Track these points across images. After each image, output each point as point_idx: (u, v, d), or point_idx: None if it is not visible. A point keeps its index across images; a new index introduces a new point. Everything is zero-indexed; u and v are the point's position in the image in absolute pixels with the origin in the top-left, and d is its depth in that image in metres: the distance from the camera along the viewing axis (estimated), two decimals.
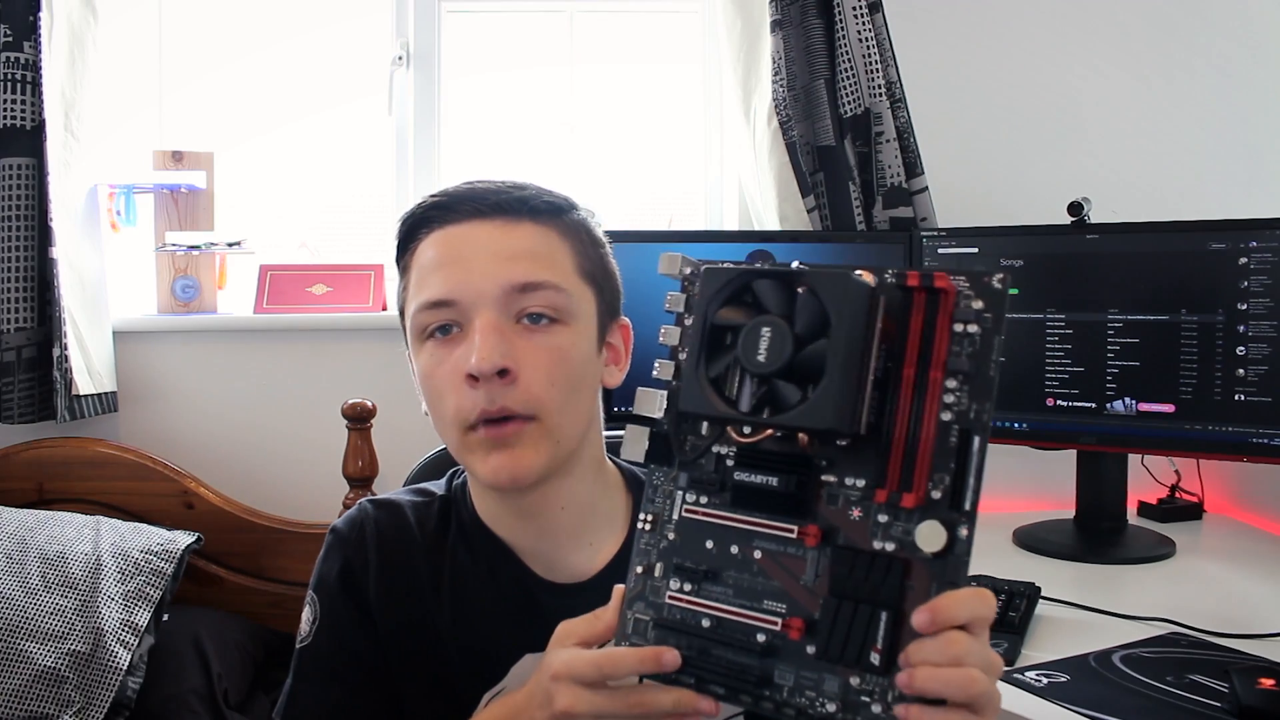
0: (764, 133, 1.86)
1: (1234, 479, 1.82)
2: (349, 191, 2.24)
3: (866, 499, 0.57)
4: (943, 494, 0.55)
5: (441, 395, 0.83)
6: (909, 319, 0.58)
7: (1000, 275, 0.57)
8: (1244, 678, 1.00)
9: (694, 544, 0.62)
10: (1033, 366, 1.61)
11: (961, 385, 0.56)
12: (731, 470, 0.61)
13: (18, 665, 1.47)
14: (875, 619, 0.55)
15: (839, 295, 0.56)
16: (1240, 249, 1.46)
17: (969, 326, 0.57)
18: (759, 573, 0.59)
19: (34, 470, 1.85)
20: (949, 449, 0.56)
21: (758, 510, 0.60)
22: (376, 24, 2.14)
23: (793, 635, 0.57)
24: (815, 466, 0.59)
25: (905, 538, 0.56)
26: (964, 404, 0.56)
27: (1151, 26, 1.98)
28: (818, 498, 0.59)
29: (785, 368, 0.57)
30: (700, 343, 0.60)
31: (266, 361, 1.98)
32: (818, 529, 0.58)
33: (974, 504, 0.55)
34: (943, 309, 0.57)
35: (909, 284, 0.58)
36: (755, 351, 0.57)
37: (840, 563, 0.57)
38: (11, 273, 1.79)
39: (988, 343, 0.57)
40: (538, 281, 0.82)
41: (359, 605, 0.89)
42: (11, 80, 1.78)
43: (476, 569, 0.90)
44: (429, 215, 0.87)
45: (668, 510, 0.63)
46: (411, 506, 0.93)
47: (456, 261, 0.83)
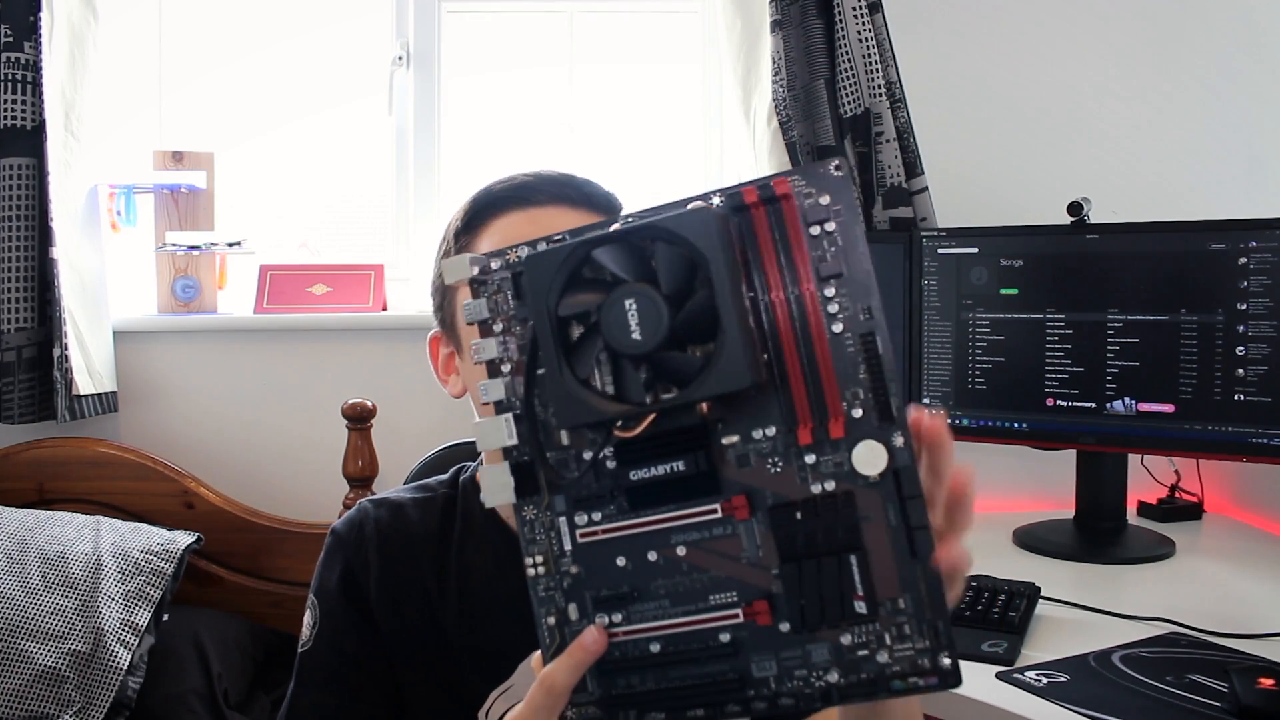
0: (764, 133, 1.86)
1: (1234, 479, 1.82)
2: (349, 191, 2.24)
3: (785, 446, 0.51)
4: (864, 410, 0.50)
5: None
6: (758, 240, 0.51)
7: (836, 162, 0.51)
8: (1244, 677, 1.00)
9: (603, 569, 0.54)
10: (1033, 366, 1.61)
11: (840, 290, 0.50)
12: (615, 473, 0.53)
13: (18, 665, 1.47)
14: (845, 567, 0.49)
15: (701, 232, 0.49)
16: (1240, 249, 1.46)
17: (826, 225, 0.50)
18: (690, 569, 0.52)
19: (34, 470, 1.85)
20: (852, 360, 0.50)
21: (662, 504, 0.53)
22: (376, 24, 2.14)
23: (761, 621, 0.51)
24: (711, 432, 0.52)
25: (840, 470, 0.50)
26: (849, 308, 0.50)
27: (1151, 26, 1.98)
28: (724, 465, 0.52)
29: (668, 337, 0.49)
30: (554, 345, 0.52)
31: (266, 361, 1.98)
32: (744, 498, 0.51)
33: (900, 408, 0.49)
34: (789, 217, 0.51)
35: (746, 201, 0.51)
36: (626, 331, 0.50)
37: (781, 524, 0.51)
38: (12, 273, 1.79)
39: (849, 235, 0.50)
40: None
41: (360, 609, 0.89)
42: (12, 80, 1.78)
43: (484, 564, 0.89)
44: (508, 195, 0.85)
45: (556, 543, 0.55)
46: (413, 504, 0.93)
47: None
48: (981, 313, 1.66)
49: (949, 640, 0.48)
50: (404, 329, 1.97)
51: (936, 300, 1.69)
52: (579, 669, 0.54)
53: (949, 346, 1.68)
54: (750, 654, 0.52)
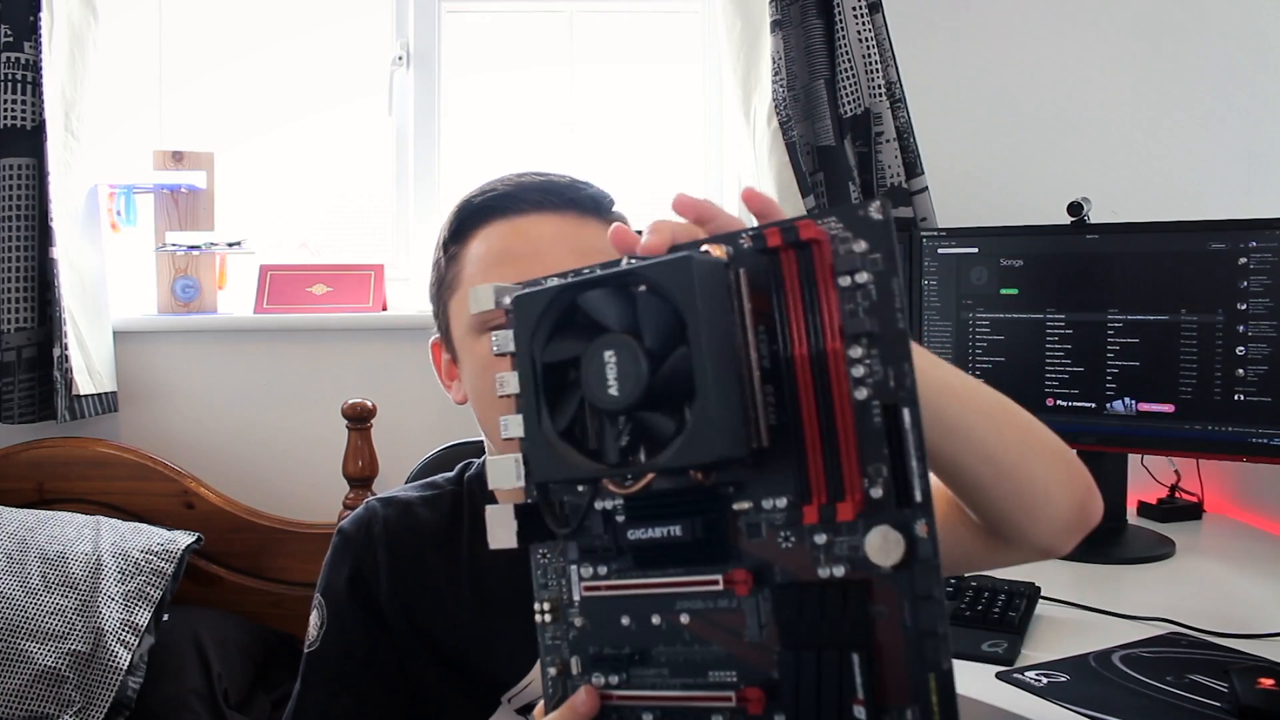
0: (764, 133, 1.86)
1: (1234, 479, 1.82)
2: (349, 191, 2.24)
3: (794, 521, 0.46)
4: (884, 490, 0.44)
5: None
6: (783, 287, 0.46)
7: (878, 204, 0.45)
8: (1244, 678, 1.00)
9: (607, 625, 0.51)
10: (1033, 366, 1.61)
11: (869, 350, 0.45)
12: (624, 528, 0.50)
13: (18, 665, 1.47)
14: (847, 665, 0.44)
15: (685, 285, 0.44)
16: (1240, 249, 1.46)
17: (857, 276, 0.45)
18: (693, 640, 0.49)
19: (34, 470, 1.85)
20: (876, 432, 0.44)
21: (669, 567, 0.49)
22: (376, 24, 2.14)
23: (753, 709, 0.46)
24: (722, 497, 0.48)
25: (855, 555, 0.45)
26: (878, 372, 0.44)
27: (1152, 26, 1.98)
28: (736, 533, 0.48)
29: (645, 395, 0.45)
30: (535, 391, 0.48)
31: (266, 361, 1.98)
32: (746, 572, 0.47)
33: (926, 492, 0.43)
34: (819, 264, 0.46)
35: (770, 245, 0.46)
36: (604, 385, 0.46)
37: (785, 606, 0.46)
38: (12, 273, 1.79)
39: (885, 289, 0.44)
40: None
41: (369, 610, 0.88)
42: (12, 80, 1.78)
43: (495, 559, 0.89)
44: (492, 204, 0.85)
45: (565, 592, 0.53)
46: (421, 501, 0.92)
47: (532, 254, 0.81)
48: (981, 313, 1.66)
49: None
50: (404, 329, 1.97)
51: (936, 300, 1.69)
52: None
53: (949, 346, 1.68)
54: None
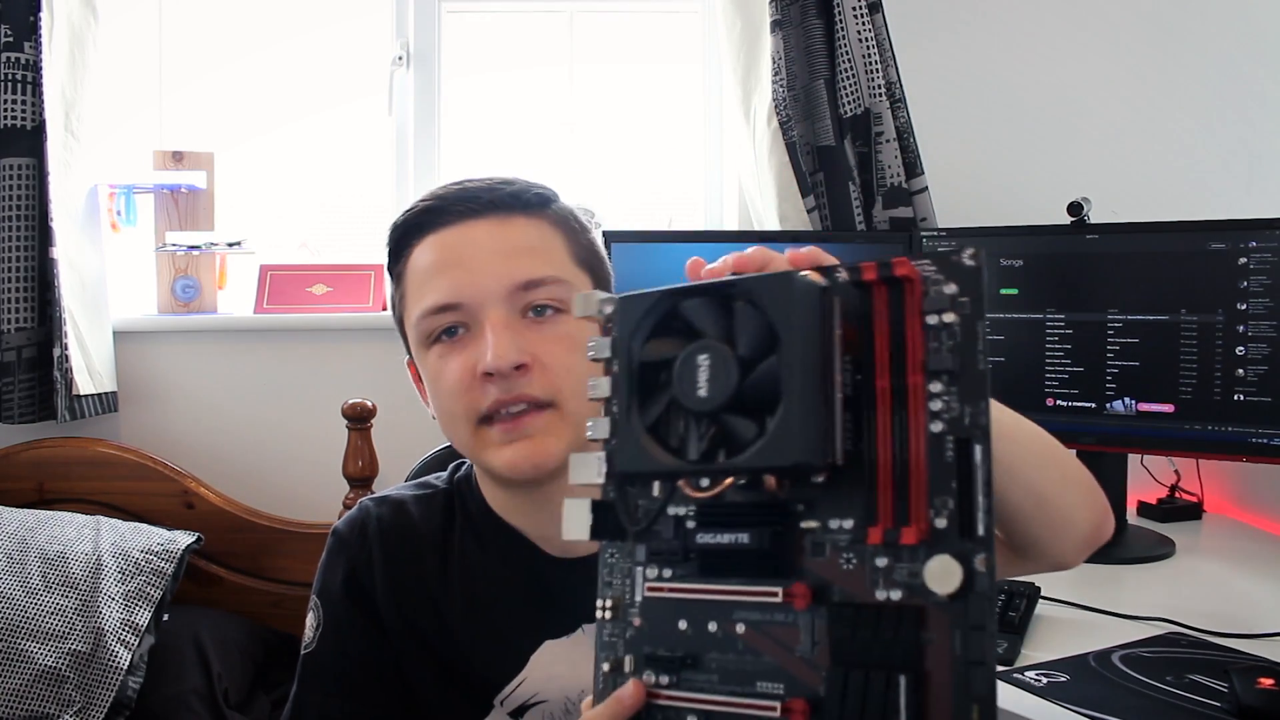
0: (764, 133, 1.86)
1: (1233, 479, 1.81)
2: (349, 191, 2.24)
3: (858, 542, 0.48)
4: (949, 521, 0.45)
5: (453, 395, 0.83)
6: (872, 320, 0.48)
7: (971, 252, 0.47)
8: (1243, 677, 1.00)
9: (665, 628, 0.52)
10: (1032, 366, 1.61)
11: (948, 387, 0.46)
12: (694, 534, 0.52)
13: (18, 665, 1.47)
14: (893, 686, 0.45)
15: (784, 300, 0.47)
16: (1240, 249, 1.46)
17: (945, 316, 0.47)
18: (745, 650, 0.50)
19: (34, 470, 1.85)
20: (947, 466, 0.46)
21: (732, 576, 0.51)
22: (376, 24, 2.14)
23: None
24: (791, 513, 0.49)
25: (913, 581, 0.46)
26: (955, 409, 0.46)
27: (1151, 26, 1.98)
28: (800, 550, 0.49)
29: (733, 399, 0.47)
30: (629, 388, 0.51)
31: (266, 361, 1.98)
32: (806, 588, 0.48)
33: (989, 527, 0.45)
34: (909, 301, 0.48)
35: (865, 278, 0.49)
36: (694, 386, 0.48)
37: (840, 624, 0.47)
38: (12, 273, 1.79)
39: (970, 331, 0.46)
40: (540, 277, 0.82)
41: (365, 610, 0.89)
42: (12, 80, 1.78)
43: (486, 557, 0.89)
44: (421, 220, 0.86)
45: (629, 592, 0.54)
46: (414, 501, 0.93)
47: (457, 264, 0.83)
48: None
49: None
50: None
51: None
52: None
53: None
54: None
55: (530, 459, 0.81)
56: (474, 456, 0.86)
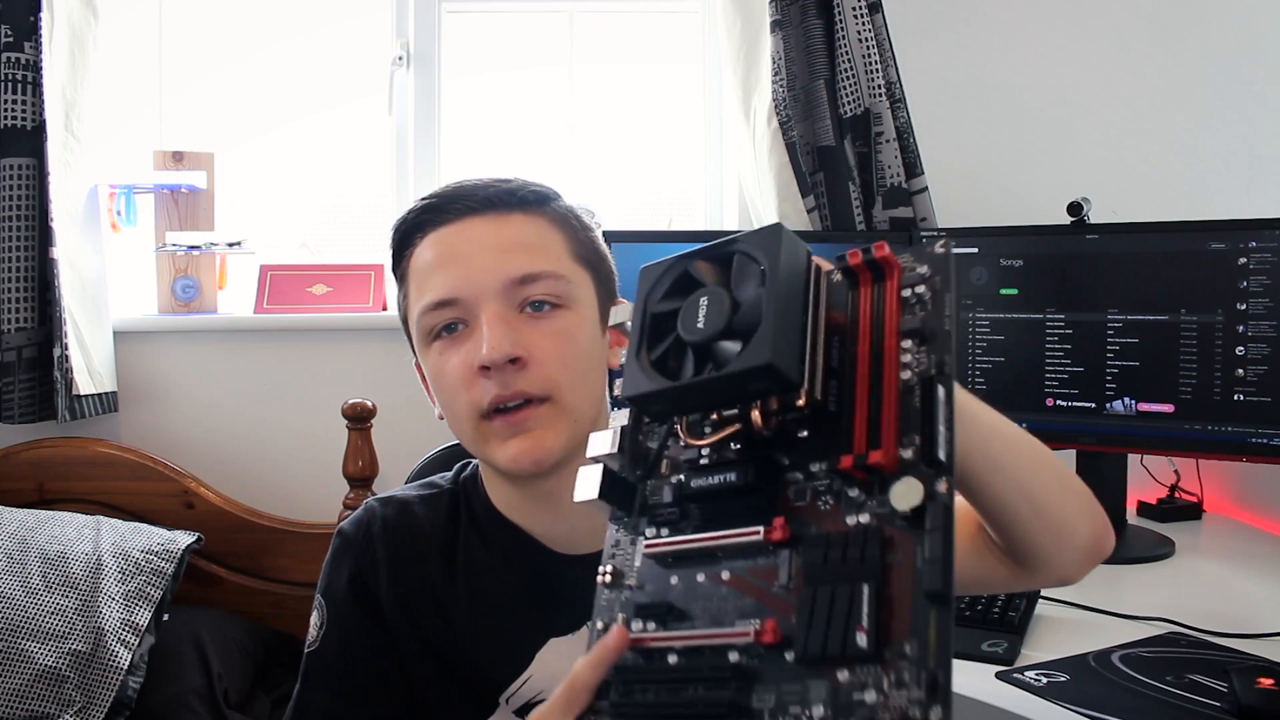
0: (764, 133, 1.86)
1: (1233, 479, 1.82)
2: (349, 191, 2.24)
3: (833, 475, 0.52)
4: (914, 453, 0.50)
5: (454, 391, 0.84)
6: (857, 303, 0.55)
7: (942, 241, 0.55)
8: (1243, 677, 1.00)
9: (658, 583, 0.57)
10: (1032, 366, 1.61)
11: (918, 346, 0.53)
12: (689, 483, 0.57)
13: (18, 665, 1.47)
14: (857, 595, 0.48)
15: (770, 244, 0.54)
16: (1240, 249, 1.46)
17: (917, 289, 0.54)
18: (729, 594, 0.54)
19: (34, 470, 1.85)
20: (913, 410, 0.51)
21: (722, 521, 0.55)
22: (376, 24, 2.14)
23: (766, 638, 0.50)
24: (777, 466, 0.54)
25: (880, 508, 0.50)
26: (923, 362, 0.52)
27: (1151, 26, 1.99)
28: (784, 497, 0.54)
29: (725, 329, 0.53)
30: (640, 332, 0.57)
31: (266, 361, 1.98)
32: (783, 521, 0.52)
33: (950, 455, 0.49)
34: (889, 279, 0.55)
35: (851, 263, 0.56)
36: (694, 320, 0.54)
37: (813, 550, 0.51)
38: (12, 273, 1.79)
39: (939, 300, 0.53)
40: (536, 272, 0.83)
41: (369, 610, 0.89)
42: (12, 80, 1.78)
43: (490, 556, 0.90)
44: (421, 220, 0.88)
45: (629, 562, 0.58)
46: (419, 500, 0.93)
47: (454, 260, 0.84)
48: (981, 313, 1.66)
49: (945, 695, 0.46)
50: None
51: None
52: (601, 665, 0.55)
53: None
54: (754, 684, 0.51)
55: (530, 454, 0.82)
56: (479, 452, 0.87)
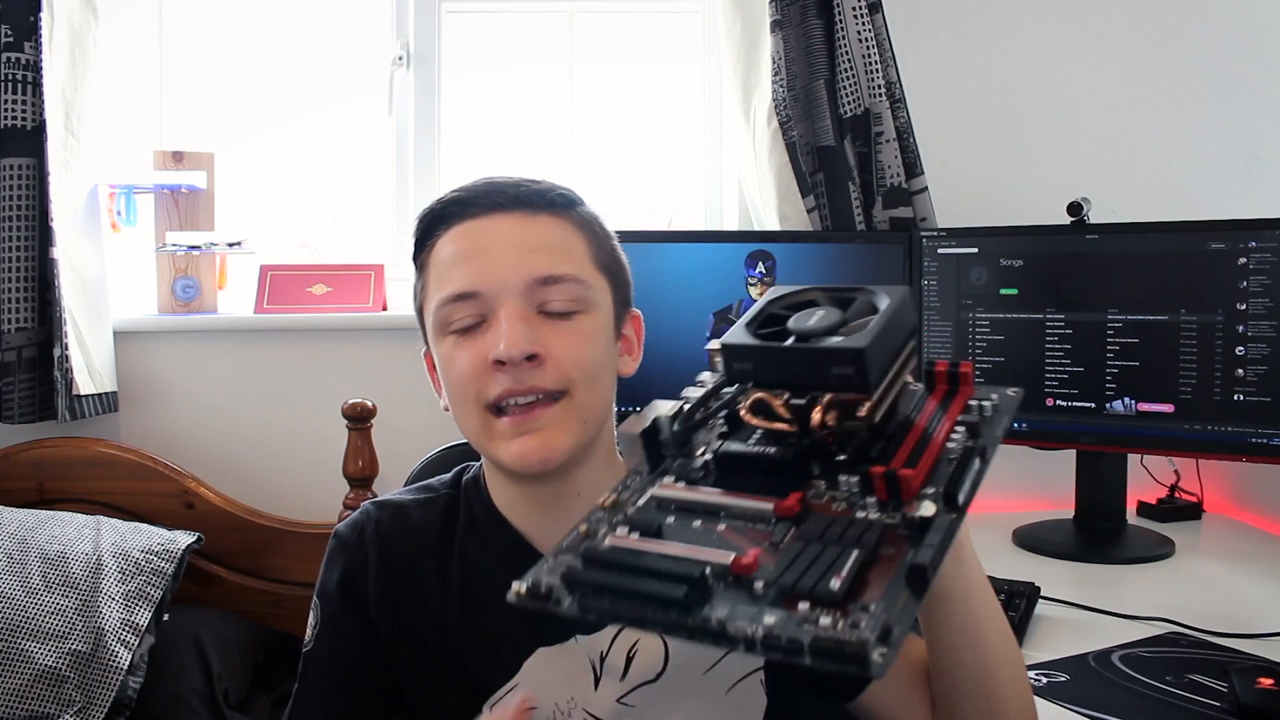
0: (764, 133, 1.86)
1: (1233, 479, 1.82)
2: (349, 191, 2.24)
3: (854, 494, 0.54)
4: (936, 491, 0.53)
5: (464, 383, 0.84)
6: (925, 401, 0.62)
7: (1015, 390, 0.63)
8: (1243, 677, 1.00)
9: (651, 514, 0.56)
10: (1033, 366, 1.61)
11: (966, 434, 0.59)
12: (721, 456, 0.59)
13: (18, 665, 1.47)
14: (844, 556, 0.49)
15: (894, 292, 0.60)
16: (1240, 249, 1.47)
17: (983, 403, 0.62)
18: (719, 540, 0.53)
19: (34, 470, 1.85)
20: (949, 465, 0.55)
21: (738, 488, 0.56)
22: (376, 24, 2.14)
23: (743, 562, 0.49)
24: (808, 470, 0.56)
25: (890, 518, 0.52)
26: (968, 443, 0.58)
27: (1151, 26, 1.99)
28: (804, 490, 0.55)
29: (828, 330, 0.57)
30: (755, 315, 0.61)
31: (266, 361, 1.98)
32: (800, 496, 0.54)
33: (966, 503, 0.53)
34: (963, 388, 0.62)
35: (935, 369, 0.63)
36: (807, 321, 0.58)
37: (814, 525, 0.52)
38: (12, 273, 1.79)
39: (996, 420, 0.61)
40: (559, 274, 0.84)
41: (358, 611, 0.89)
42: (12, 80, 1.78)
43: (485, 561, 0.90)
44: (447, 211, 0.88)
45: (634, 498, 0.58)
46: (415, 504, 0.93)
47: (478, 255, 0.84)
48: (981, 313, 1.66)
49: (896, 643, 0.46)
50: (404, 329, 1.97)
51: (936, 300, 1.69)
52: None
53: (949, 346, 1.68)
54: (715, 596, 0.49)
55: (537, 452, 0.81)
56: (482, 447, 0.86)
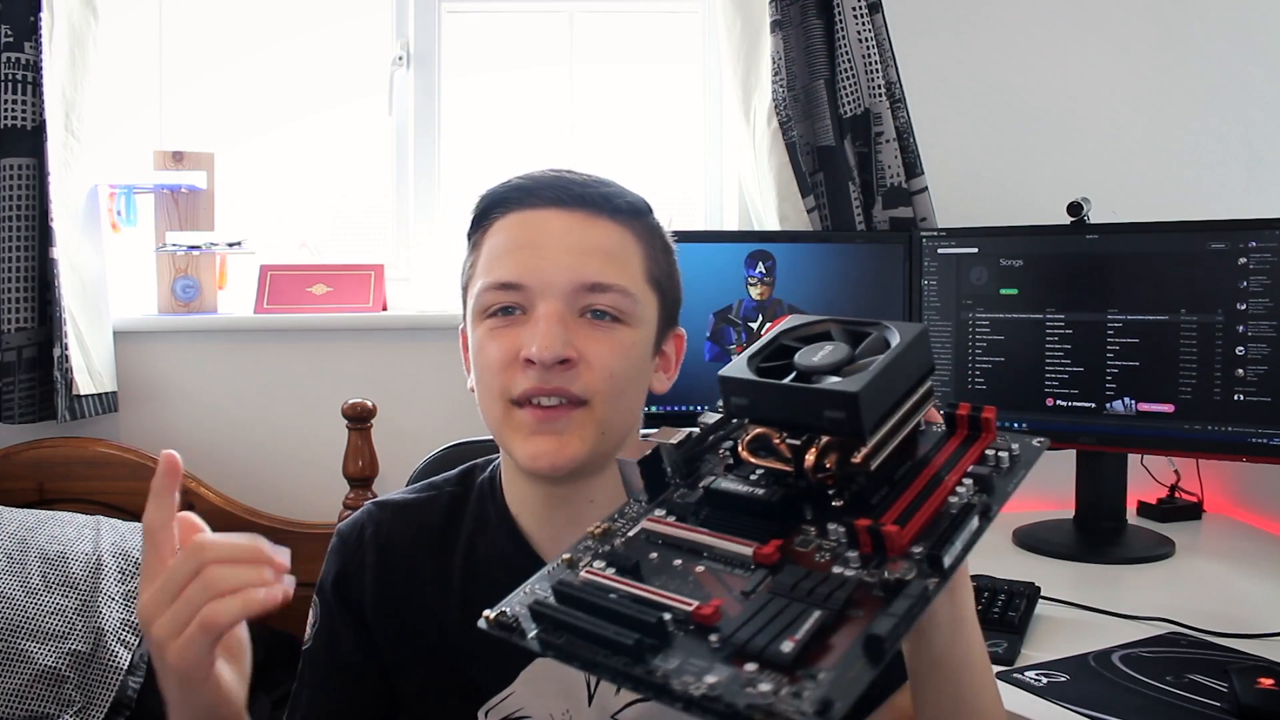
0: (764, 133, 1.86)
1: (1233, 479, 1.82)
2: (349, 191, 2.24)
3: (839, 545, 0.53)
4: (923, 551, 0.51)
5: (492, 371, 0.83)
6: (944, 445, 0.59)
7: (1041, 440, 0.59)
8: (1243, 677, 1.00)
9: (636, 549, 0.56)
10: (1033, 366, 1.61)
11: (974, 487, 0.56)
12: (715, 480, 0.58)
13: (18, 665, 1.47)
14: (804, 615, 0.47)
15: (907, 331, 0.57)
16: (1240, 249, 1.47)
17: (1000, 453, 0.59)
18: (694, 585, 0.53)
19: (34, 470, 1.85)
20: (943, 522, 0.53)
21: (723, 529, 0.55)
22: (376, 24, 2.14)
23: (703, 612, 0.49)
24: (800, 514, 0.55)
25: (867, 576, 0.50)
26: (972, 498, 0.55)
27: (1151, 26, 1.99)
28: (790, 537, 0.54)
29: (831, 369, 0.56)
30: (763, 346, 0.60)
31: (266, 361, 1.98)
32: (779, 544, 0.53)
33: (952, 568, 0.50)
34: (983, 435, 0.60)
35: (957, 413, 0.60)
36: (812, 355, 0.57)
37: (788, 577, 0.51)
38: (12, 273, 1.79)
39: (1013, 471, 0.58)
40: (608, 283, 0.83)
41: (353, 611, 0.89)
42: (12, 80, 1.78)
43: (490, 563, 0.89)
44: (509, 196, 0.87)
45: (624, 529, 0.58)
46: (417, 504, 0.93)
47: (531, 247, 0.83)
48: (981, 313, 1.66)
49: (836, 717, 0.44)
50: (404, 329, 1.97)
51: (936, 300, 1.69)
52: None
53: (949, 346, 1.68)
54: (674, 645, 0.49)
55: (550, 456, 0.81)
56: (500, 437, 0.86)
